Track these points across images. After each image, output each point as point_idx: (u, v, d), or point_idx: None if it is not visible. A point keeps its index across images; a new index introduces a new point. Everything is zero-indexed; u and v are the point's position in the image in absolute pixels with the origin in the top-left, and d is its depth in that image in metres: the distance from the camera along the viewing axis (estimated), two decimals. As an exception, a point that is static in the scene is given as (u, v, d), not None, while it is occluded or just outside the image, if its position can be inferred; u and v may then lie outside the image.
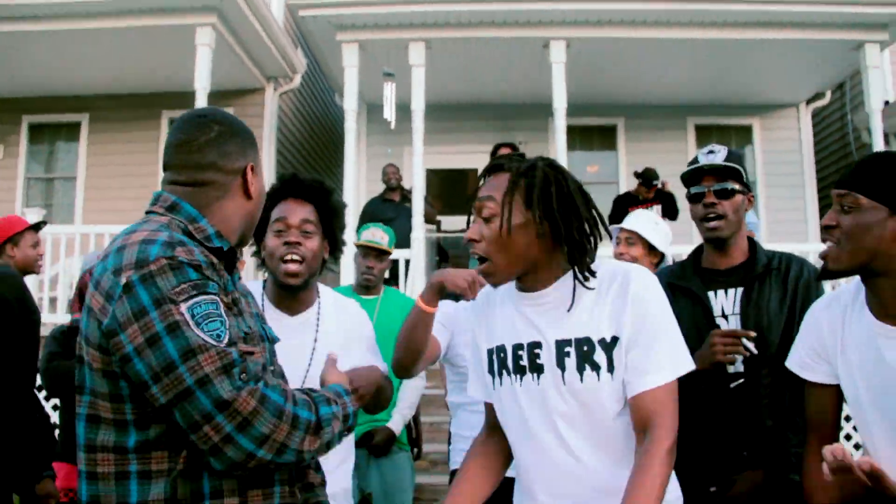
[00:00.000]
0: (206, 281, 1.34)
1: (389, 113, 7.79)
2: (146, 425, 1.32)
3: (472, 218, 1.72)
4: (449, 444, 3.16)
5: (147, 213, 1.51)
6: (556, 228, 1.61)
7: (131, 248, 1.33)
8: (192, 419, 1.27)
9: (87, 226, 8.05)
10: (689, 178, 2.41)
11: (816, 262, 2.04)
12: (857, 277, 1.73)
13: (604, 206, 9.43)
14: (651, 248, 3.17)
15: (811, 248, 7.64)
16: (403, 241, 7.33)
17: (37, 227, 4.25)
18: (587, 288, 1.64)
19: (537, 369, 1.66)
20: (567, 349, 1.63)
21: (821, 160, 11.22)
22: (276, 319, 2.12)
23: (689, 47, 8.32)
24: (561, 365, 1.63)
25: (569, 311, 1.64)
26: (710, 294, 2.36)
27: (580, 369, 1.62)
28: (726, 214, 2.34)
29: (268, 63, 8.78)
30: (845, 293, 1.79)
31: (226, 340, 1.30)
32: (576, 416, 1.64)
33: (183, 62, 7.91)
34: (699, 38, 8.09)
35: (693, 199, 2.41)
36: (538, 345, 1.67)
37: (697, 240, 2.61)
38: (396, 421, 3.72)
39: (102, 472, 1.32)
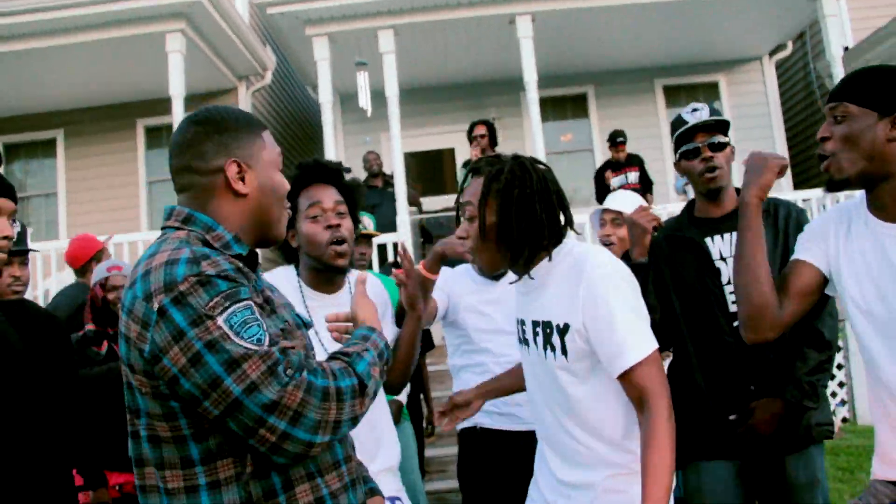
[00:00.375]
0: (237, 288, 1.35)
1: (365, 102, 7.96)
2: (205, 437, 1.34)
3: (461, 216, 1.95)
4: None
5: (163, 228, 1.51)
6: (511, 228, 1.84)
7: (157, 271, 1.32)
8: (245, 426, 1.30)
9: (74, 240, 8.17)
10: (681, 137, 2.58)
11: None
12: (859, 194, 1.88)
13: (581, 172, 9.74)
14: None
15: (789, 196, 7.83)
16: (390, 225, 7.55)
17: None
18: (527, 277, 1.92)
19: (526, 343, 2.00)
20: (537, 329, 1.93)
21: (788, 110, 11.50)
22: (317, 300, 2.25)
23: (652, 10, 8.52)
24: (535, 342, 1.94)
25: (538, 294, 1.92)
26: (708, 240, 2.57)
27: (544, 348, 1.90)
28: (722, 165, 2.54)
29: (238, 63, 8.91)
30: (851, 205, 1.90)
31: (266, 342, 1.32)
32: (551, 385, 1.91)
33: (155, 69, 8.04)
34: (660, 1, 8.29)
35: (689, 155, 2.57)
36: (524, 322, 1.99)
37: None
38: (402, 393, 3.97)
39: (173, 487, 1.35)
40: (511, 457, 2.85)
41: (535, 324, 1.92)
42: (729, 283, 2.50)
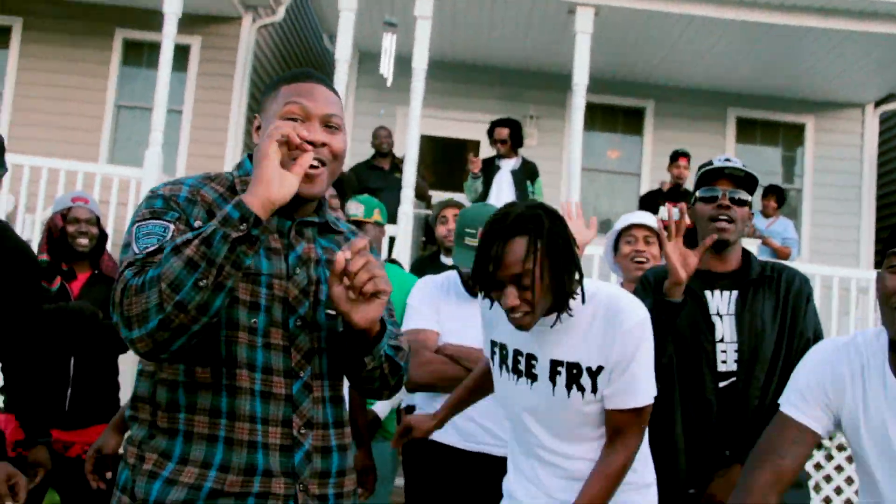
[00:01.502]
0: (166, 210, 1.97)
1: (387, 68, 9.02)
2: None
3: (503, 287, 2.34)
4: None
5: None
6: (560, 280, 2.33)
7: None
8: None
9: (18, 155, 8.34)
10: (703, 178, 3.21)
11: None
12: (875, 330, 2.22)
13: (622, 197, 10.80)
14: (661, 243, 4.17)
15: (861, 276, 8.68)
16: (391, 216, 8.52)
17: None
18: (569, 315, 2.42)
19: (532, 377, 2.53)
20: (559, 369, 2.46)
21: (885, 173, 12.59)
22: None
23: (737, 29, 9.56)
24: (553, 380, 2.47)
25: (559, 333, 2.46)
26: (707, 293, 3.15)
27: (568, 387, 2.46)
28: (735, 220, 3.12)
29: (249, -11, 10.04)
30: (862, 346, 2.19)
31: (146, 251, 1.88)
32: (556, 421, 2.51)
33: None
34: (744, 20, 9.29)
35: (706, 199, 3.17)
36: (535, 357, 2.51)
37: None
38: (383, 405, 4.23)
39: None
40: (457, 476, 3.48)
41: (556, 363, 2.46)
42: (722, 340, 3.10)
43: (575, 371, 2.43)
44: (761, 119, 11.86)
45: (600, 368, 2.41)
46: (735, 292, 3.14)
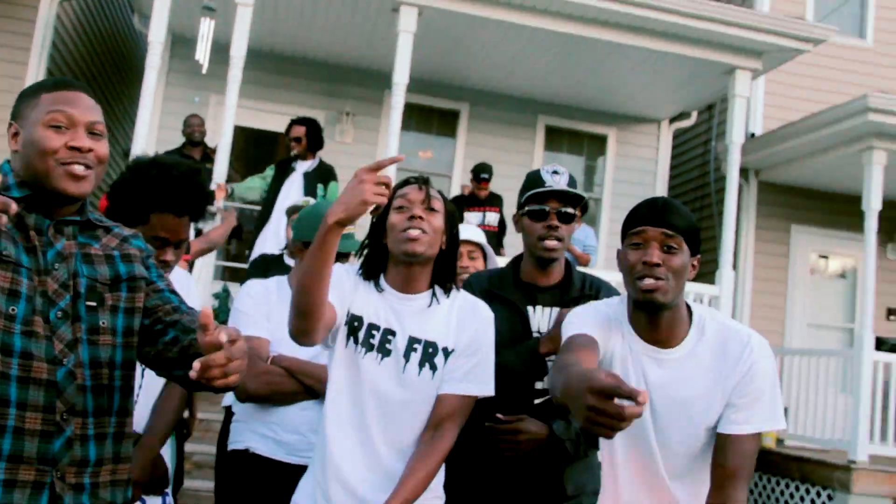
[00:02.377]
0: None
1: (203, 55, 8.66)
2: None
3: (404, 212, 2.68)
4: (228, 422, 3.82)
5: None
6: (451, 240, 2.79)
7: None
8: None
9: None
10: (533, 195, 3.17)
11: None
12: (616, 299, 2.70)
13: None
14: (485, 257, 4.23)
15: (607, 282, 9.07)
16: None
17: None
18: (437, 302, 2.76)
19: (384, 352, 2.70)
20: (416, 346, 2.69)
21: (676, 185, 13.25)
22: None
23: (553, 40, 9.74)
24: (406, 356, 2.69)
25: (420, 315, 2.73)
26: (529, 308, 3.19)
27: (420, 365, 2.69)
28: (564, 238, 3.14)
29: (48, -40, 9.28)
30: (614, 305, 2.65)
31: None
32: (399, 401, 2.67)
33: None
34: (559, 32, 9.44)
35: (535, 216, 3.15)
36: (392, 332, 2.71)
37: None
38: None
39: None
40: (282, 490, 3.27)
41: (414, 340, 2.69)
42: None
43: (431, 350, 2.69)
44: (568, 128, 12.16)
45: (452, 350, 2.71)
46: (556, 309, 3.18)
